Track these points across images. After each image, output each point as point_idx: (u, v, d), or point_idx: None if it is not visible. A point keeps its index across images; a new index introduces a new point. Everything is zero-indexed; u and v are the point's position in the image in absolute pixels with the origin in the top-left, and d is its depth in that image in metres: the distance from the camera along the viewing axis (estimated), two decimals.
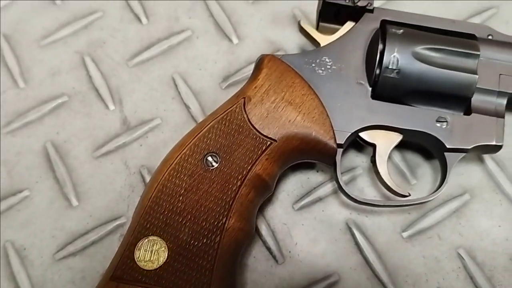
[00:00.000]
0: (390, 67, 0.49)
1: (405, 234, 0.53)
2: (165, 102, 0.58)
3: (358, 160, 0.56)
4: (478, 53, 0.50)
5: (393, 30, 0.51)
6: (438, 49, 0.50)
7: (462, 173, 0.55)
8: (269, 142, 0.48)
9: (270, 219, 0.54)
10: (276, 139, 0.48)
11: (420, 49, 0.50)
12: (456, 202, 0.54)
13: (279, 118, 0.48)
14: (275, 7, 0.62)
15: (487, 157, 0.55)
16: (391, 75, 0.49)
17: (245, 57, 0.60)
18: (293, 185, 0.55)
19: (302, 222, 0.54)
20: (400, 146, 0.55)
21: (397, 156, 0.56)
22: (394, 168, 0.55)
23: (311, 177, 0.55)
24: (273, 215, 0.54)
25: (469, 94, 0.50)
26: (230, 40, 0.60)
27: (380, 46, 0.50)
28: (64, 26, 0.62)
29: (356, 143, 0.52)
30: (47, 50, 0.61)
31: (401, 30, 0.51)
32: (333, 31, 0.54)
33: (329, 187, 0.55)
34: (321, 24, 0.57)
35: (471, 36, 0.52)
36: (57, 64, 0.60)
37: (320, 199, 0.54)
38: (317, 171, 0.55)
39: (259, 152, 0.48)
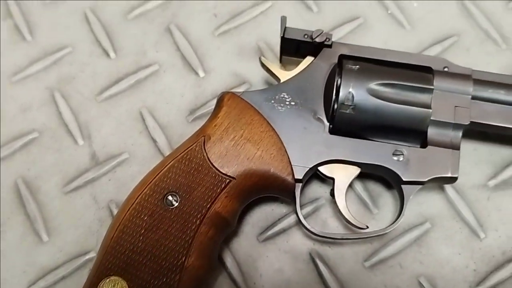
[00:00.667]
0: (345, 103, 0.51)
1: (367, 264, 0.54)
2: (133, 136, 0.60)
3: (321, 190, 0.57)
4: (432, 87, 0.51)
5: (349, 66, 0.52)
6: (392, 84, 0.51)
7: (422, 202, 0.56)
8: (228, 180, 0.49)
9: (235, 251, 0.55)
10: (235, 176, 0.49)
11: (375, 85, 0.51)
12: (417, 231, 0.55)
13: (238, 155, 0.50)
14: (240, 39, 0.63)
15: (447, 186, 0.56)
16: (347, 111, 0.51)
17: (211, 90, 0.61)
18: (258, 217, 0.56)
19: (266, 253, 0.55)
20: (362, 177, 0.56)
21: (359, 186, 0.57)
22: (356, 198, 0.57)
23: (275, 209, 0.56)
24: (238, 248, 0.55)
25: (423, 128, 0.51)
26: (196, 73, 0.62)
27: (336, 82, 0.51)
28: (35, 62, 0.63)
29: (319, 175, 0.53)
30: (18, 87, 0.62)
31: (357, 66, 0.52)
32: (297, 64, 0.56)
33: (292, 218, 0.56)
34: (284, 57, 0.58)
35: (427, 69, 0.53)
36: (28, 100, 0.61)
37: (284, 231, 0.56)
38: (281, 203, 0.56)
39: (218, 190, 0.49)
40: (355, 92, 0.51)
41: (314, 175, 0.53)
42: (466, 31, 0.63)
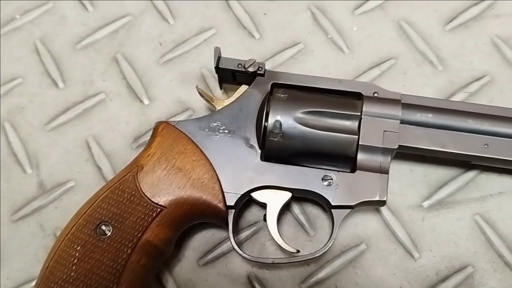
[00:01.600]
0: (274, 131, 0.52)
1: (303, 286, 0.56)
2: (79, 164, 0.61)
3: (260, 214, 0.58)
4: (358, 113, 0.53)
5: (278, 95, 0.54)
6: (319, 112, 0.53)
7: (359, 224, 0.58)
8: (159, 209, 0.51)
9: (176, 275, 0.56)
10: (166, 206, 0.51)
11: (302, 113, 0.52)
12: (352, 252, 0.56)
13: (169, 185, 0.51)
14: (184, 67, 0.65)
15: (383, 207, 0.58)
16: (276, 139, 0.52)
17: (155, 118, 0.63)
18: (199, 241, 0.58)
19: (206, 277, 0.56)
20: (300, 199, 0.58)
21: (297, 209, 0.58)
22: (294, 220, 0.58)
23: (216, 233, 0.58)
24: (179, 272, 0.57)
25: (351, 153, 0.52)
26: (141, 101, 0.64)
27: (266, 111, 0.53)
28: None
29: None
30: None
31: (286, 95, 0.54)
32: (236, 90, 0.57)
33: None
34: (226, 84, 0.60)
35: (357, 95, 0.55)
36: None
37: (223, 255, 0.57)
38: (221, 227, 0.58)
39: (149, 219, 0.50)
40: (283, 120, 0.52)
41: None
42: (403, 54, 0.64)
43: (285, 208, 0.58)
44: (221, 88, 0.61)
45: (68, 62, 0.66)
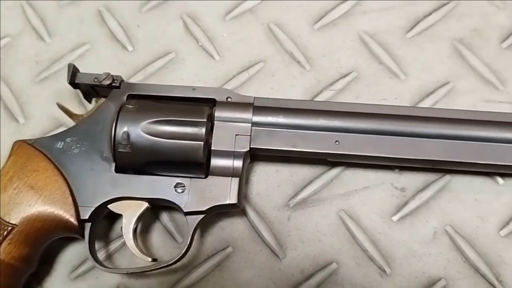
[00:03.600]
0: (122, 142, 0.53)
1: None
2: None
3: None
4: (204, 120, 0.53)
5: (128, 106, 0.54)
6: (165, 121, 0.53)
7: (225, 227, 0.58)
8: (10, 228, 0.51)
9: None
10: (17, 223, 0.51)
11: (148, 123, 0.53)
12: (218, 256, 0.57)
13: (20, 203, 0.52)
14: (59, 84, 0.65)
15: (249, 209, 0.58)
16: (125, 150, 0.53)
17: (29, 136, 0.63)
18: (70, 254, 0.58)
19: None
20: (170, 207, 0.58)
21: (165, 217, 0.59)
22: (163, 228, 0.59)
23: (86, 246, 0.59)
24: (50, 286, 0.57)
25: (199, 160, 0.53)
26: (17, 120, 0.64)
27: (115, 122, 0.54)
28: None
29: None
30: None
31: (136, 106, 0.54)
32: None
33: (102, 254, 0.58)
34: (94, 98, 0.61)
35: (211, 101, 0.56)
36: None
37: (94, 267, 0.58)
38: None
39: (1, 238, 0.51)
40: (130, 131, 0.53)
41: None
42: (272, 56, 0.65)
43: (155, 217, 0.59)
44: (89, 102, 0.62)
45: None
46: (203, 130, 0.53)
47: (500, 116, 0.54)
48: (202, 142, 0.53)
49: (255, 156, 0.59)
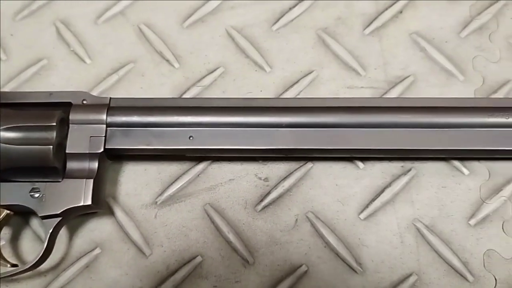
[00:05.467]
0: None
1: None
2: None
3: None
4: (53, 124, 0.54)
5: None
6: (15, 127, 0.54)
7: (94, 229, 0.59)
8: None
9: None
10: None
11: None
12: (86, 258, 0.57)
13: None
14: None
15: (116, 209, 0.59)
16: None
17: None
18: None
19: None
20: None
21: (35, 223, 0.59)
22: (33, 234, 0.59)
23: None
24: None
25: (50, 164, 0.53)
26: None
27: None
28: None
29: None
30: None
31: None
32: None
33: None
34: None
35: (67, 104, 0.56)
36: None
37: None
38: None
39: None
40: None
41: None
42: (142, 56, 0.65)
43: (25, 223, 0.59)
44: None
45: None
46: (52, 134, 0.53)
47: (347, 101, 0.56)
48: (51, 146, 0.53)
49: (120, 156, 0.59)
